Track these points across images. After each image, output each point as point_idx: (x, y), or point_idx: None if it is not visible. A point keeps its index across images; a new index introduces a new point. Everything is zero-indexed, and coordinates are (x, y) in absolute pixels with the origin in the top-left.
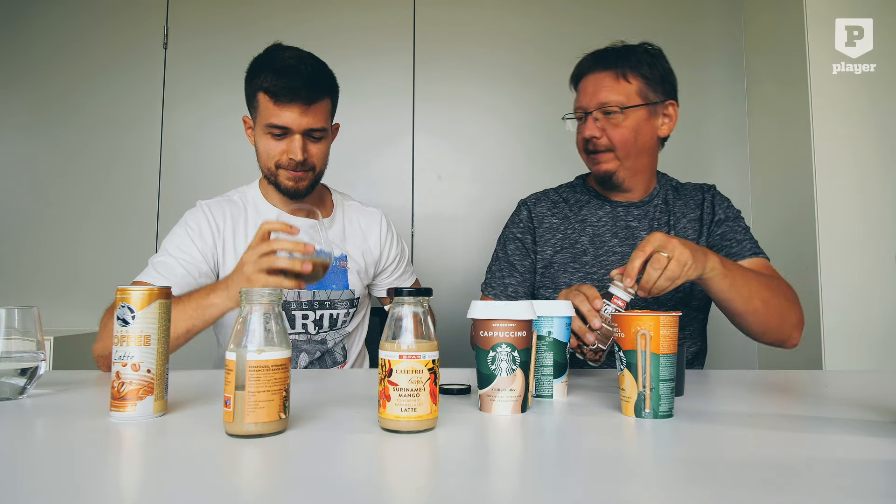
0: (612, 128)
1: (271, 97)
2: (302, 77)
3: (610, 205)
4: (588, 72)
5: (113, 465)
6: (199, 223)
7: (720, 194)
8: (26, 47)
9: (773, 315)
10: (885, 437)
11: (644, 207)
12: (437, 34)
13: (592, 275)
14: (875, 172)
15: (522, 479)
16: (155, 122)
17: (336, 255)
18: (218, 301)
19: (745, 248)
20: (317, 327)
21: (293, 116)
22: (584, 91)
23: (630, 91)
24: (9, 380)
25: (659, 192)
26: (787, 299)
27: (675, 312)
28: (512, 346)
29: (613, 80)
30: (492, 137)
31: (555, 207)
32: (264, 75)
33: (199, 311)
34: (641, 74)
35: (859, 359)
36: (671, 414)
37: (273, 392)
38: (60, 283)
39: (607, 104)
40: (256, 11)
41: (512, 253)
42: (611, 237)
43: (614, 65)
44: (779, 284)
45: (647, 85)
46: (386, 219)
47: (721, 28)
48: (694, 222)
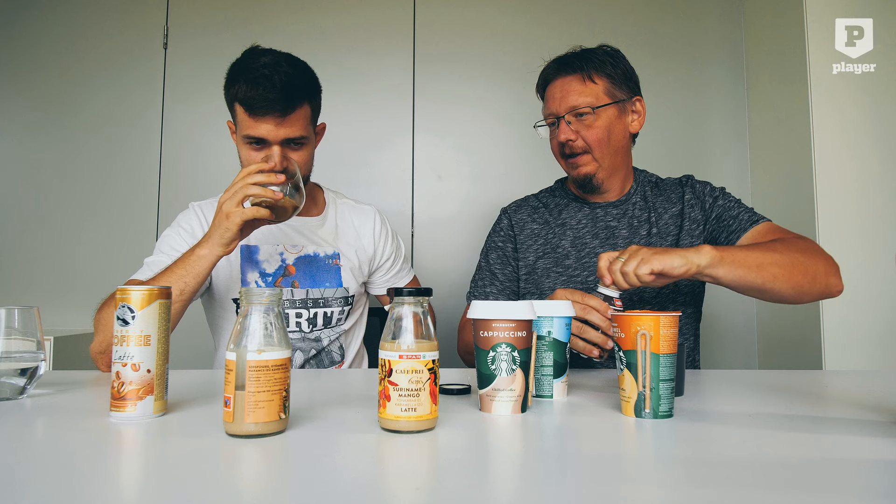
0: (585, 129)
1: (246, 109)
2: (276, 87)
3: (589, 206)
4: (553, 78)
5: (113, 465)
6: (191, 224)
7: (699, 182)
8: (26, 47)
9: (796, 273)
10: (885, 437)
11: (622, 206)
12: (437, 34)
13: (575, 277)
14: (875, 172)
15: (522, 479)
16: (155, 122)
17: (328, 253)
18: (204, 252)
19: (742, 219)
20: (310, 325)
21: (269, 128)
22: (552, 97)
23: (597, 91)
24: (9, 380)
25: (637, 189)
26: (805, 251)
27: (675, 312)
28: (512, 346)
29: (580, 83)
30: (492, 137)
31: (535, 213)
32: (238, 85)
33: (188, 266)
34: (606, 74)
35: (859, 359)
36: (671, 414)
37: (273, 392)
38: (60, 283)
39: (577, 106)
40: (257, 11)
41: (493, 262)
42: (591, 238)
43: (578, 68)
44: (788, 243)
45: (613, 84)
46: (380, 216)
47: (721, 28)
48: (675, 217)
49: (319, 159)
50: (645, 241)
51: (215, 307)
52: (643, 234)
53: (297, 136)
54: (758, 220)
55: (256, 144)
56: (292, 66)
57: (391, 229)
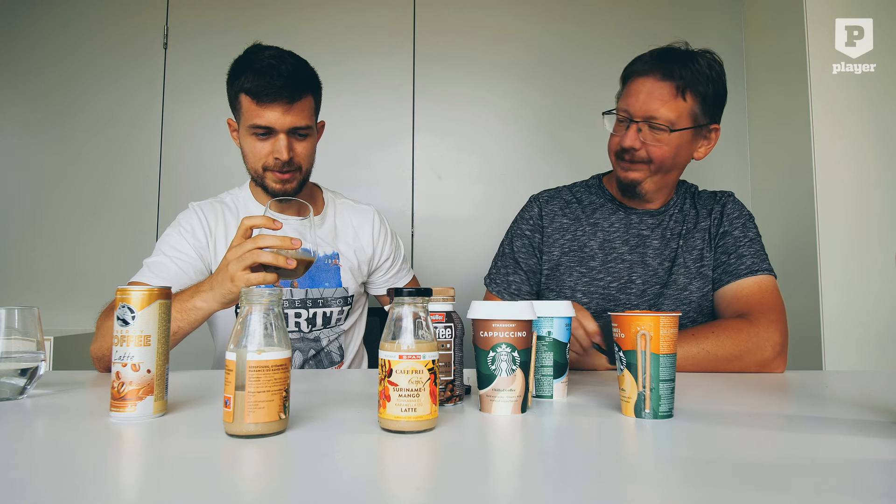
0: (654, 143)
1: (253, 98)
2: (282, 76)
3: (624, 211)
4: (644, 74)
5: (113, 465)
6: (191, 223)
7: (733, 202)
8: (26, 47)
9: (722, 367)
10: (885, 437)
11: (659, 217)
12: (437, 34)
13: (598, 281)
14: (875, 172)
15: (522, 479)
16: (155, 123)
17: (327, 253)
18: (202, 304)
19: (742, 264)
20: (310, 325)
21: (276, 116)
22: (634, 94)
23: (683, 110)
24: (9, 380)
25: (676, 202)
26: (742, 350)
27: (675, 313)
28: (512, 347)
29: (670, 95)
30: (492, 137)
31: (567, 207)
32: (245, 76)
33: (184, 313)
34: (700, 94)
35: (859, 359)
36: (671, 414)
37: (273, 392)
38: (60, 283)
39: (656, 119)
40: (256, 11)
41: (518, 250)
42: (621, 244)
43: (675, 76)
44: (732, 335)
45: (702, 107)
46: (379, 216)
47: (721, 28)
48: (703, 232)
49: (320, 159)
50: (674, 254)
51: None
52: (673, 248)
53: (302, 125)
54: (757, 272)
55: (263, 135)
56: (296, 58)
57: (390, 229)
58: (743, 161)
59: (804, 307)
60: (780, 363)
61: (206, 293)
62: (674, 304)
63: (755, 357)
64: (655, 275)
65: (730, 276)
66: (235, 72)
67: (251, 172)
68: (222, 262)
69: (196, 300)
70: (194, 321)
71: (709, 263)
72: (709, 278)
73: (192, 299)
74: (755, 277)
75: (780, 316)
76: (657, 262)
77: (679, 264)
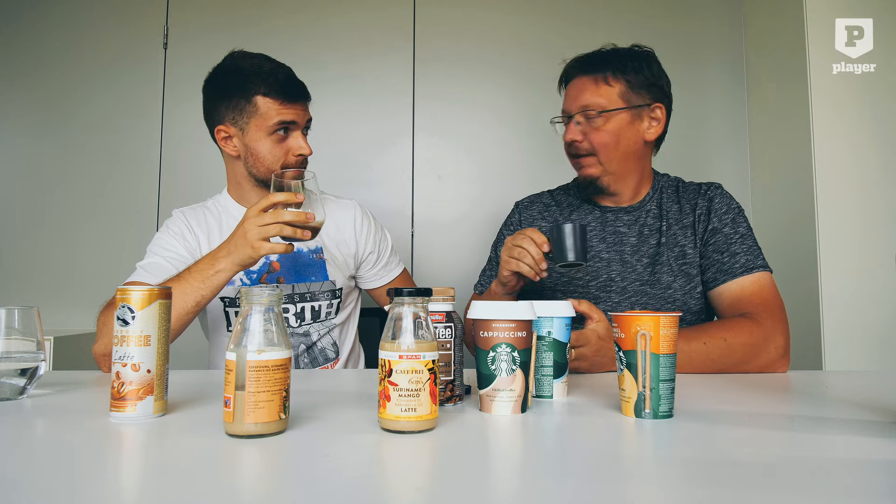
0: (592, 131)
1: (276, 98)
2: (293, 77)
3: (600, 210)
4: (573, 76)
5: (113, 465)
6: (179, 227)
7: (721, 196)
8: (26, 47)
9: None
10: (885, 437)
11: (635, 213)
12: (437, 34)
13: (577, 280)
14: (875, 172)
15: (522, 479)
16: (155, 122)
17: (311, 248)
18: (224, 266)
19: (737, 262)
20: (298, 320)
21: (299, 112)
22: (567, 95)
23: (611, 94)
24: (9, 380)
25: (652, 196)
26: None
27: (675, 313)
28: (512, 347)
29: (594, 84)
30: (492, 137)
31: (546, 210)
32: (259, 80)
33: (207, 280)
34: (625, 78)
35: (859, 359)
36: (671, 414)
37: (273, 392)
38: (60, 283)
39: (587, 107)
40: (256, 12)
41: (500, 254)
42: (598, 242)
43: (597, 69)
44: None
45: (631, 88)
46: (361, 209)
47: (721, 28)
48: (686, 229)
49: (320, 159)
50: (654, 251)
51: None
52: (653, 244)
53: (310, 118)
54: (753, 269)
55: (283, 132)
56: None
57: (374, 222)
58: (743, 161)
59: (804, 307)
60: (784, 364)
61: (224, 259)
62: (658, 302)
63: (762, 360)
64: (634, 272)
65: (725, 275)
66: (241, 80)
67: (261, 175)
68: (240, 229)
69: (218, 264)
70: (217, 286)
71: (693, 261)
72: (693, 276)
73: (214, 264)
74: (753, 275)
75: (783, 316)
76: (635, 258)
77: (661, 262)
